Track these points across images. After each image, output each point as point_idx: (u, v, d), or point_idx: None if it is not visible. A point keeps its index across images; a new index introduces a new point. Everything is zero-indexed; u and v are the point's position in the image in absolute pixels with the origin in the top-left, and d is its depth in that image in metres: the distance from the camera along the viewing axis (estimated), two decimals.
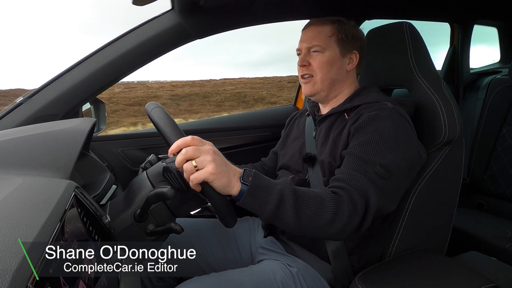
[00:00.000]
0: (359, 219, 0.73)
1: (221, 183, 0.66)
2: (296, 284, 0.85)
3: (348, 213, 0.71)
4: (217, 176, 0.65)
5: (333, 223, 0.71)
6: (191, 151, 0.65)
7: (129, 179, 0.86)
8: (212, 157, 0.65)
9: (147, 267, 0.57)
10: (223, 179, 0.66)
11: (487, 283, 0.76)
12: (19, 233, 0.38)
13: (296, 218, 0.69)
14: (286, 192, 0.69)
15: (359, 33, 0.98)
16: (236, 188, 0.68)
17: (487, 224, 1.53)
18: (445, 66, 1.98)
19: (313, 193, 0.73)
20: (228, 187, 0.67)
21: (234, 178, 0.68)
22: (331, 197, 0.72)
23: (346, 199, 0.72)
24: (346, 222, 0.71)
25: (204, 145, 0.67)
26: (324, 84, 0.95)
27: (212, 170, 0.65)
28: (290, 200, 0.69)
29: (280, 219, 0.70)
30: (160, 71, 15.39)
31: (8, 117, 1.02)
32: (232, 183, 0.67)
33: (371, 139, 0.79)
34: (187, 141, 0.66)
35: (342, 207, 0.71)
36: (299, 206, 0.69)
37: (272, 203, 0.68)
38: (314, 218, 0.70)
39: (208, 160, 0.65)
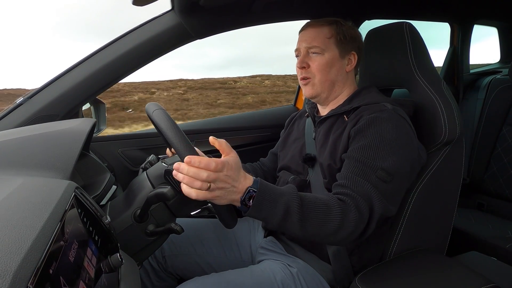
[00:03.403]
0: (364, 226, 0.73)
1: (226, 201, 0.66)
2: (296, 284, 0.85)
3: (355, 222, 0.71)
4: (222, 200, 0.66)
5: (339, 231, 0.71)
6: (206, 177, 0.61)
7: (129, 180, 0.86)
8: (223, 186, 0.64)
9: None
10: (228, 199, 0.66)
11: (487, 283, 0.76)
12: (19, 234, 0.39)
13: (302, 228, 0.70)
14: (292, 204, 0.69)
15: (357, 33, 0.98)
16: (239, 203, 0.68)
17: (487, 224, 1.53)
18: (445, 66, 1.98)
19: (319, 201, 0.72)
20: (233, 202, 0.68)
21: (241, 193, 0.67)
22: (338, 205, 0.72)
23: (353, 208, 0.72)
24: (352, 231, 0.71)
25: (223, 168, 0.63)
26: (323, 86, 0.95)
27: (219, 194, 0.64)
28: (296, 213, 0.68)
29: (286, 229, 0.71)
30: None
31: (8, 117, 1.02)
32: (237, 198, 0.67)
33: (372, 142, 0.79)
34: (205, 164, 0.61)
35: (349, 216, 0.71)
36: (305, 216, 0.69)
37: (277, 216, 0.68)
38: (320, 228, 0.71)
39: (219, 187, 0.64)
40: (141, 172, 0.86)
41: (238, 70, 18.25)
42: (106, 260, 0.54)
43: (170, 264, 1.01)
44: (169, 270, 1.01)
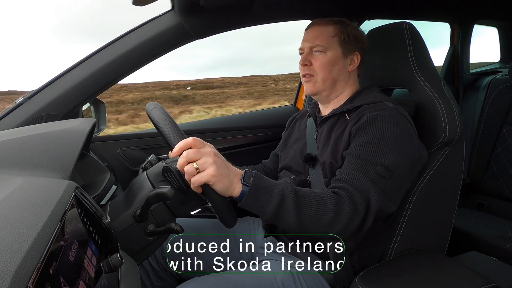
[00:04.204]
0: (360, 219, 0.73)
1: (223, 185, 0.66)
2: (297, 284, 0.85)
3: (349, 213, 0.71)
4: (218, 179, 0.65)
5: (334, 223, 0.71)
6: (192, 154, 0.65)
7: (129, 180, 0.86)
8: (213, 159, 0.65)
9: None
10: (224, 181, 0.66)
11: (487, 283, 0.76)
12: (19, 233, 0.39)
13: (297, 218, 0.69)
14: (287, 192, 0.69)
15: (361, 34, 0.99)
16: (238, 189, 0.68)
17: (487, 224, 1.53)
18: (445, 66, 1.98)
19: (313, 193, 0.73)
20: (230, 188, 0.67)
21: (235, 179, 0.68)
22: (332, 197, 0.72)
23: (347, 200, 0.72)
24: (347, 222, 0.72)
25: (205, 147, 0.67)
26: (325, 84, 0.95)
27: (213, 172, 0.65)
28: (291, 200, 0.69)
29: (281, 219, 0.70)
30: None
31: (8, 117, 1.02)
32: (233, 184, 0.68)
33: (372, 139, 0.79)
34: (189, 143, 0.66)
35: (343, 208, 0.72)
36: (300, 206, 0.70)
37: (273, 204, 0.68)
38: (315, 218, 0.71)
39: (209, 163, 0.65)
40: (141, 172, 0.86)
41: (228, 71, 18.12)
42: (106, 260, 0.54)
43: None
44: (169, 270, 1.01)
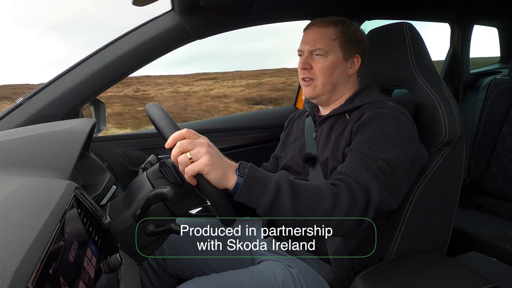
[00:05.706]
0: (359, 211, 0.71)
1: (216, 175, 0.66)
2: (297, 284, 0.85)
3: (347, 204, 0.70)
4: (212, 168, 0.65)
5: (332, 213, 0.70)
6: (186, 144, 0.65)
7: (129, 180, 0.86)
8: (206, 149, 0.66)
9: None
10: (218, 170, 0.66)
11: (487, 283, 0.76)
12: (19, 234, 0.38)
13: (294, 209, 0.68)
14: (282, 182, 0.69)
15: (363, 36, 0.97)
16: (232, 180, 0.67)
17: (487, 224, 1.53)
18: (445, 67, 1.98)
19: (310, 184, 0.72)
20: (224, 179, 0.67)
21: (230, 170, 0.68)
22: (330, 188, 0.71)
23: (345, 190, 0.71)
24: (345, 213, 0.70)
25: (199, 138, 0.68)
26: (325, 88, 0.94)
27: (206, 161, 0.64)
28: (287, 190, 0.68)
29: (278, 210, 0.69)
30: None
31: (8, 117, 1.02)
32: (228, 175, 0.67)
33: (374, 135, 0.79)
34: (182, 134, 0.67)
35: (341, 198, 0.70)
36: (296, 196, 0.68)
37: (269, 194, 0.67)
38: (312, 208, 0.69)
39: (202, 152, 0.65)
40: (141, 172, 0.86)
41: (197, 67, 17.89)
42: (106, 260, 0.54)
43: (170, 265, 1.00)
44: (168, 270, 1.01)
